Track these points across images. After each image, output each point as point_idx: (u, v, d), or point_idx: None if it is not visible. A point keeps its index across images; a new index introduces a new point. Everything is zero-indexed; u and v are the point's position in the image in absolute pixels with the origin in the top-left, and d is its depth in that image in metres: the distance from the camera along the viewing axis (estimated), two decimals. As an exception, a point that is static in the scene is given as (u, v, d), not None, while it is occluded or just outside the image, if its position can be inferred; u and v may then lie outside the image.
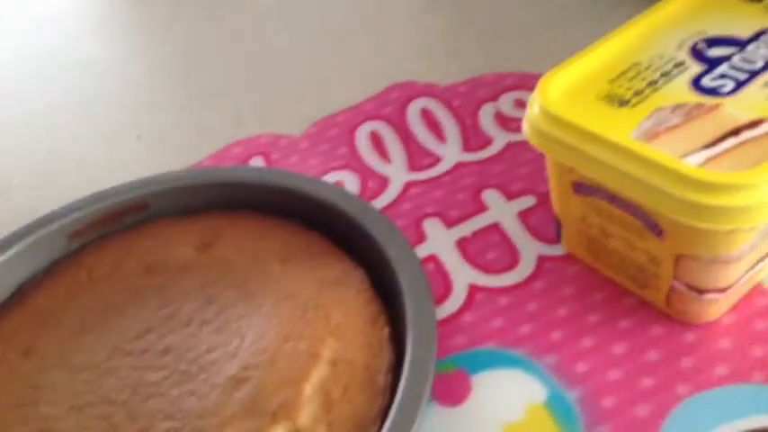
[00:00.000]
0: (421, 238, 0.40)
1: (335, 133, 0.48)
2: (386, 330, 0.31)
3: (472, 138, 0.45)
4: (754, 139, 0.28)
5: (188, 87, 0.55)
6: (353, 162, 0.45)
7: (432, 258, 0.38)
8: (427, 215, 0.41)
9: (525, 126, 0.32)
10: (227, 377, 0.30)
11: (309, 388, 0.29)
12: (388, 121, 0.48)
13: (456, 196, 0.42)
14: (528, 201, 0.40)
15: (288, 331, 0.31)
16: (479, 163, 0.44)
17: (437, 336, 0.29)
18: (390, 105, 0.49)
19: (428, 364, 0.28)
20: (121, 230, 0.39)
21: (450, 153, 0.44)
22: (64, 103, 0.56)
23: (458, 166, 0.44)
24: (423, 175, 0.43)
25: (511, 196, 0.41)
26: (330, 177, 0.44)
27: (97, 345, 0.33)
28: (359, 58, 0.54)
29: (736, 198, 0.26)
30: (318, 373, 0.29)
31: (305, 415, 0.28)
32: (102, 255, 0.37)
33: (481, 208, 0.41)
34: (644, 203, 0.28)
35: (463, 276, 0.37)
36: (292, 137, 0.48)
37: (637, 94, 0.31)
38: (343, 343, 0.30)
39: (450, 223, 0.40)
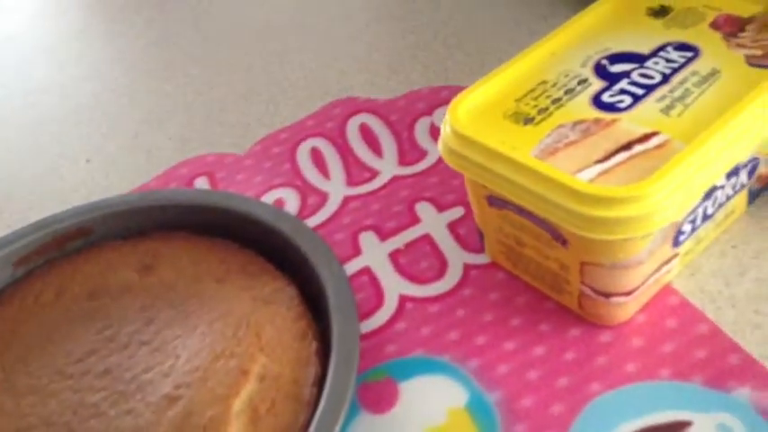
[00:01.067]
0: (357, 251, 0.41)
1: (278, 151, 0.49)
2: (314, 345, 0.33)
3: (408, 151, 0.47)
4: (646, 152, 0.30)
5: (136, 110, 0.57)
6: (295, 179, 0.47)
7: (365, 270, 0.40)
8: (363, 228, 0.43)
9: (440, 145, 0.34)
10: (161, 396, 0.31)
11: (238, 404, 0.30)
12: (329, 137, 0.49)
13: (392, 209, 0.43)
14: (458, 212, 0.42)
15: (220, 349, 0.33)
16: (414, 176, 0.45)
17: (359, 351, 0.30)
18: (331, 121, 0.51)
19: (348, 377, 0.29)
20: (67, 255, 0.40)
21: (387, 167, 0.46)
22: (15, 125, 0.57)
23: (394, 179, 0.45)
24: (360, 190, 0.45)
25: (442, 208, 0.43)
26: (273, 194, 0.46)
27: (41, 369, 0.34)
28: (302, 74, 0.56)
29: (626, 209, 0.28)
30: (247, 389, 0.31)
31: (233, 429, 0.30)
32: (48, 281, 0.39)
33: (414, 220, 0.42)
34: (544, 217, 0.30)
35: (395, 287, 0.39)
36: (237, 155, 0.50)
37: (541, 111, 0.33)
38: (272, 358, 0.32)
39: (384, 236, 0.42)
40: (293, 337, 0.33)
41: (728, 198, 0.34)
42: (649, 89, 0.33)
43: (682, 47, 0.35)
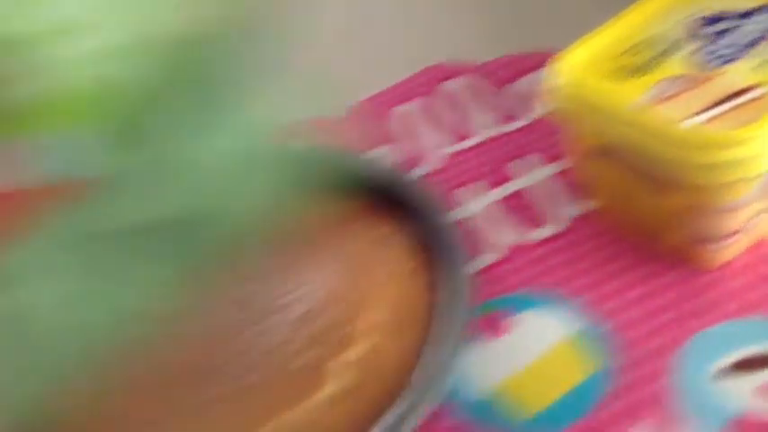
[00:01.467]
0: (461, 201, 0.44)
1: (375, 113, 0.52)
2: (425, 279, 0.36)
3: (504, 113, 0.50)
4: (744, 104, 0.32)
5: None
6: (393, 138, 0.50)
7: (470, 219, 0.43)
8: (465, 182, 0.45)
9: (548, 97, 0.36)
10: (298, 316, 0.35)
11: (363, 325, 0.34)
12: (424, 99, 0.52)
13: (488, 166, 0.46)
14: (559, 166, 0.45)
15: (338, 283, 0.36)
16: (511, 134, 0.48)
17: (469, 284, 0.34)
18: (424, 86, 0.53)
19: (461, 307, 0.33)
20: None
21: (484, 129, 0.49)
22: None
23: (492, 138, 0.48)
24: (458, 147, 0.48)
25: (543, 162, 0.45)
26: (377, 152, 0.49)
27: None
28: (394, 41, 0.59)
29: (737, 152, 0.30)
30: (369, 316, 0.34)
31: (361, 346, 0.33)
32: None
33: (512, 175, 0.45)
34: (657, 164, 0.32)
35: (503, 235, 0.41)
36: (333, 119, 0.53)
37: (643, 67, 0.35)
38: (387, 296, 0.35)
39: (488, 188, 0.45)
40: (405, 277, 0.36)
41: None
42: (746, 47, 0.35)
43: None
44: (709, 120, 0.32)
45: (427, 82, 0.54)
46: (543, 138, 0.47)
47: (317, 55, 0.58)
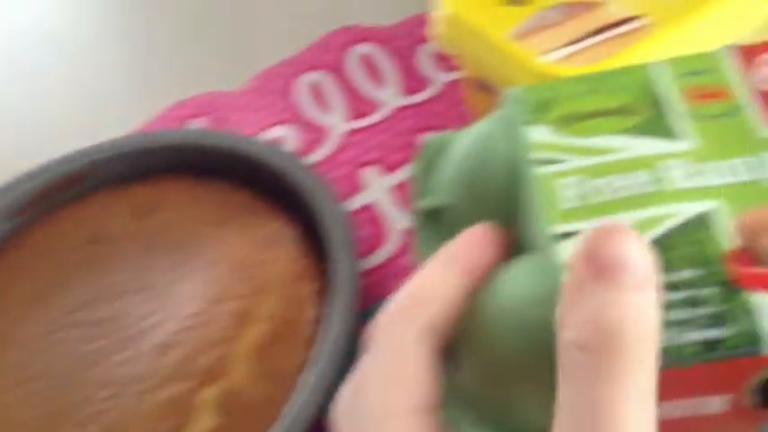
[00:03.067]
0: (359, 186, 0.40)
1: (275, 86, 0.47)
2: (315, 285, 0.32)
3: (411, 80, 0.45)
4: (621, 35, 0.29)
5: (126, 51, 0.55)
6: (293, 115, 0.45)
7: (368, 207, 0.38)
8: (366, 163, 0.41)
9: (433, 28, 0.33)
10: (161, 342, 0.30)
11: (239, 346, 0.29)
12: (328, 69, 0.47)
13: (395, 141, 0.42)
14: (464, 140, 0.40)
15: (220, 293, 0.31)
16: (419, 105, 0.43)
17: (357, 288, 0.29)
18: (330, 53, 0.48)
19: (348, 315, 0.28)
20: (60, 204, 0.39)
21: (390, 98, 0.44)
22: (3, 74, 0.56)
23: (397, 110, 0.43)
24: (362, 123, 0.43)
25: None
26: (270, 132, 0.44)
27: (40, 319, 0.33)
28: (299, 4, 0.53)
29: None
30: (248, 332, 0.30)
31: (236, 372, 0.29)
32: (43, 231, 0.38)
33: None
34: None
35: (399, 221, 0.37)
36: (232, 93, 0.48)
37: None
38: (272, 300, 0.31)
39: (387, 169, 0.40)
40: (294, 277, 0.32)
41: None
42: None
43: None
44: (577, 52, 0.29)
45: (331, 49, 0.49)
46: (449, 109, 0.42)
47: (218, 25, 0.53)
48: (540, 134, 0.20)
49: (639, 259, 0.15)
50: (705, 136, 0.19)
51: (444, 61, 0.45)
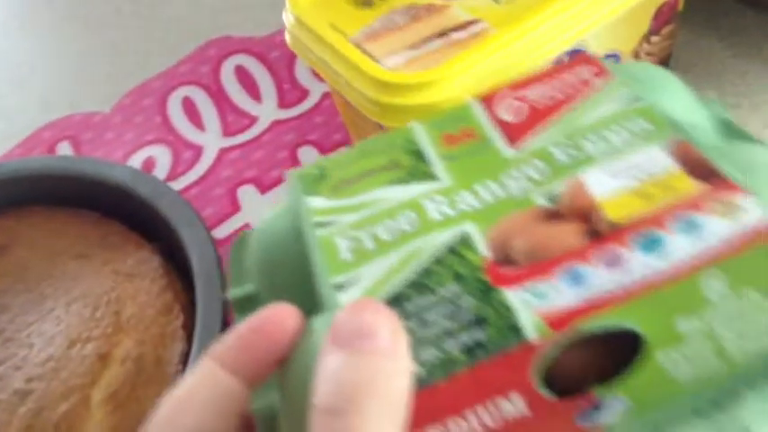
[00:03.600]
0: (236, 207, 0.38)
1: (149, 103, 0.45)
2: (181, 319, 0.30)
3: (288, 92, 0.44)
4: (462, 39, 0.28)
5: (-5, 70, 0.51)
6: (167, 133, 0.43)
7: (246, 228, 0.37)
8: (243, 182, 0.39)
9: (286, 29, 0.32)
10: (12, 391, 0.28)
11: (96, 393, 0.28)
12: (202, 84, 0.45)
13: (274, 157, 0.40)
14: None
15: (76, 334, 0.30)
16: (297, 118, 0.42)
17: (221, 321, 0.28)
18: (205, 65, 0.46)
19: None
20: None
21: (267, 112, 0.43)
22: None
23: (275, 124, 0.42)
24: (239, 139, 0.42)
25: (327, 149, 0.40)
26: (143, 152, 0.42)
27: None
28: (174, 16, 0.51)
29: (415, 97, 0.27)
30: (106, 376, 0.28)
31: (91, 422, 0.27)
32: None
33: (298, 166, 0.39)
34: (350, 101, 0.29)
35: (277, 243, 0.36)
36: (104, 113, 0.45)
37: None
38: (134, 338, 0.29)
39: (266, 188, 0.39)
40: (157, 311, 0.30)
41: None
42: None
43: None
44: (417, 57, 0.28)
45: (205, 61, 0.47)
46: (328, 122, 0.41)
47: (88, 43, 0.50)
48: (318, 202, 0.23)
49: (381, 328, 0.16)
50: (458, 172, 0.22)
51: (322, 72, 0.44)
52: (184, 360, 0.29)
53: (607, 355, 0.19)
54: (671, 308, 0.19)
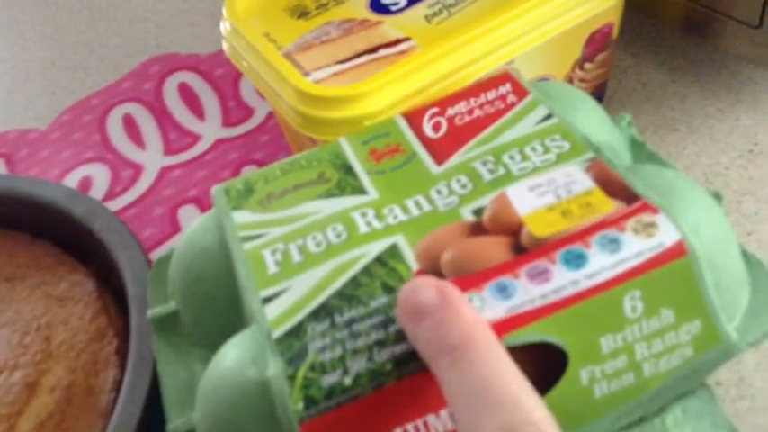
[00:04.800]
0: (176, 228, 0.37)
1: (88, 120, 0.44)
2: (114, 344, 0.29)
3: (233, 110, 0.43)
4: (389, 56, 0.29)
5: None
6: (105, 152, 0.42)
7: (186, 249, 0.36)
8: (185, 201, 0.39)
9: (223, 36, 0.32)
10: (-69, 425, 0.27)
11: (23, 423, 0.26)
12: (144, 101, 0.44)
13: (217, 177, 0.40)
14: (285, 174, 0.39)
15: (2, 361, 0.28)
16: (241, 137, 0.41)
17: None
18: (148, 82, 0.45)
19: (144, 379, 0.26)
20: None
21: (210, 130, 0.42)
22: None
23: (218, 143, 0.41)
24: (181, 158, 0.41)
25: (269, 171, 0.39)
26: (80, 171, 0.41)
27: None
28: (115, 32, 0.50)
29: (338, 110, 0.27)
30: (34, 405, 0.27)
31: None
32: None
33: (240, 187, 0.39)
34: (279, 113, 0.29)
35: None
36: (41, 130, 0.44)
37: (319, 7, 0.31)
38: (64, 365, 0.28)
39: (206, 208, 0.38)
40: (90, 337, 0.29)
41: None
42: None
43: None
44: (343, 71, 0.29)
45: (147, 78, 0.46)
46: (274, 140, 0.41)
47: (25, 58, 0.48)
48: (244, 217, 0.23)
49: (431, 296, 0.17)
50: (386, 186, 0.23)
51: (267, 90, 0.44)
52: (117, 387, 0.28)
53: (536, 370, 0.19)
54: (594, 325, 0.19)
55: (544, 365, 0.20)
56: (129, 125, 0.43)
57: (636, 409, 0.20)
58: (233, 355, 0.19)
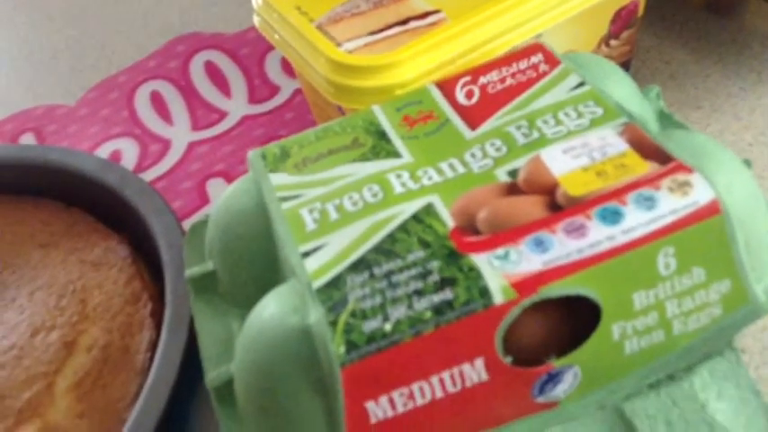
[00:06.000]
0: (204, 200, 0.38)
1: (115, 97, 0.45)
2: (149, 307, 0.30)
3: (259, 88, 0.43)
4: (419, 28, 0.29)
5: (-45, 61, 0.50)
6: (134, 127, 0.42)
7: (214, 221, 0.37)
8: (212, 175, 0.39)
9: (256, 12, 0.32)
10: (-28, 382, 0.27)
11: (61, 380, 0.27)
12: (170, 78, 0.45)
13: (243, 151, 0.40)
14: (311, 149, 0.39)
15: (40, 322, 0.29)
16: (267, 114, 0.42)
17: (191, 311, 0.27)
18: (174, 60, 0.46)
19: (180, 340, 0.26)
20: None
21: (237, 107, 0.43)
22: None
23: (245, 119, 0.42)
24: (207, 134, 0.41)
25: (295, 146, 0.40)
26: (109, 145, 0.42)
27: None
28: (140, 12, 0.51)
29: (370, 79, 0.27)
30: (71, 363, 0.27)
31: (56, 410, 0.26)
32: None
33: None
34: (310, 81, 0.29)
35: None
36: (69, 106, 0.45)
37: None
38: (100, 326, 0.29)
39: (234, 180, 0.39)
40: (125, 300, 0.30)
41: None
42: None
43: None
44: (374, 42, 0.29)
45: (174, 56, 0.46)
46: (299, 117, 0.41)
47: (53, 35, 0.49)
48: (281, 179, 0.23)
49: None
50: (420, 150, 0.23)
51: (293, 68, 0.44)
52: (152, 348, 0.29)
53: (567, 327, 0.20)
54: (629, 280, 0.19)
55: (577, 322, 0.20)
56: (157, 102, 0.43)
57: (664, 366, 0.21)
58: (273, 305, 0.20)
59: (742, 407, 0.21)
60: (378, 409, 0.18)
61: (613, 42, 0.35)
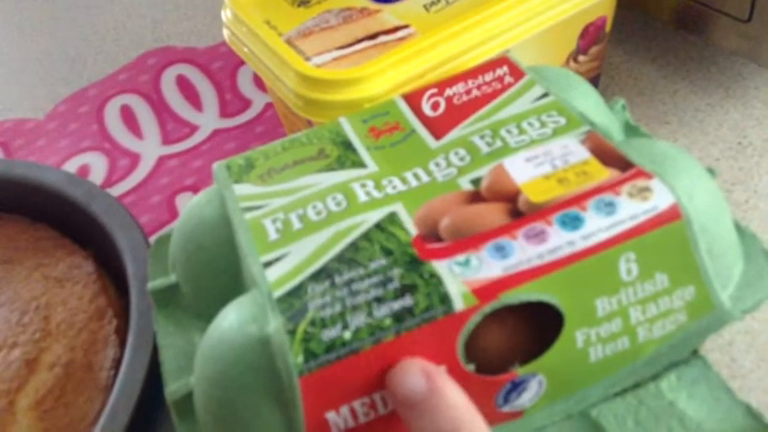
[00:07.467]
0: (173, 214, 0.38)
1: (85, 110, 0.44)
2: (114, 324, 0.29)
3: (230, 102, 0.43)
4: (388, 42, 0.29)
5: None
6: (103, 141, 0.42)
7: (183, 235, 0.36)
8: (182, 189, 0.39)
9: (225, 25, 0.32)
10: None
11: (23, 398, 0.26)
12: (141, 92, 0.45)
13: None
14: (282, 163, 0.39)
15: (1, 339, 0.28)
16: (238, 127, 0.42)
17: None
18: (145, 74, 0.46)
19: (144, 356, 0.26)
20: None
21: (208, 121, 0.42)
22: None
23: (216, 133, 0.42)
24: (178, 147, 0.41)
25: (266, 160, 0.39)
26: (78, 160, 0.41)
27: None
28: (113, 26, 0.50)
29: (338, 93, 0.27)
30: (33, 381, 0.27)
31: (18, 428, 0.26)
32: None
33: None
34: (279, 96, 0.29)
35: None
36: (38, 120, 0.44)
37: None
38: (64, 343, 0.28)
39: (204, 195, 0.38)
40: (89, 317, 0.29)
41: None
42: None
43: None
44: (343, 56, 0.29)
45: (145, 70, 0.46)
46: (270, 131, 0.41)
47: (22, 48, 0.48)
48: (245, 189, 0.23)
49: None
50: (385, 160, 0.23)
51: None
52: (116, 365, 0.28)
53: (532, 335, 0.20)
54: (590, 286, 0.19)
55: (542, 330, 0.20)
56: (127, 116, 0.43)
57: (630, 374, 0.21)
58: (233, 315, 0.19)
59: (716, 405, 0.21)
60: (339, 420, 0.18)
61: (582, 58, 0.35)
